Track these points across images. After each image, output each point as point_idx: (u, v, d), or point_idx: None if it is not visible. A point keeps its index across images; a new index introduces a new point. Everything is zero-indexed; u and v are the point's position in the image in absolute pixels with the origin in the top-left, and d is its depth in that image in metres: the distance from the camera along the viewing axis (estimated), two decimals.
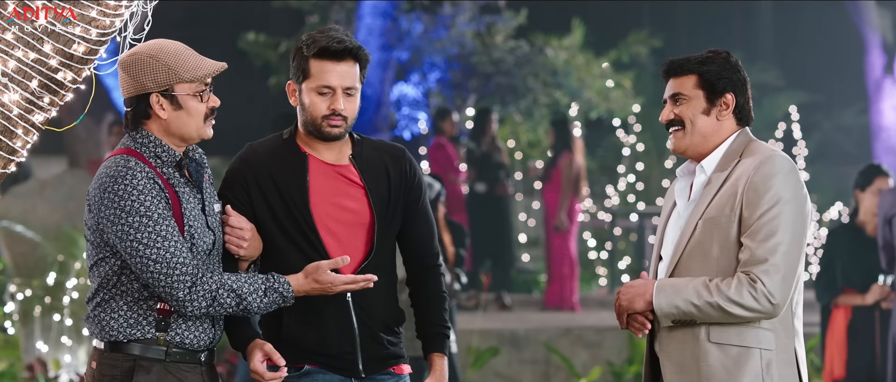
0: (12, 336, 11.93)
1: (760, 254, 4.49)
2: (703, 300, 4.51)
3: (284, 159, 4.81)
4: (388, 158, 4.90)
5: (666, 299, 4.55)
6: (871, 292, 9.22)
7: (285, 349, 4.76)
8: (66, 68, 4.37)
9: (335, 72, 4.74)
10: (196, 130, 4.59)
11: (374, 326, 4.83)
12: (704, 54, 4.72)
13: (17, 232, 11.44)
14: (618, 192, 18.30)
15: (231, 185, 4.82)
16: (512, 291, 15.23)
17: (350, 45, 4.74)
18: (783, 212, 4.50)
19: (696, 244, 4.59)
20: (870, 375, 9.32)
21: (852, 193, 9.65)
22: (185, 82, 4.53)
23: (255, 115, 20.11)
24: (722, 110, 4.66)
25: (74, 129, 13.19)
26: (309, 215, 4.75)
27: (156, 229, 4.44)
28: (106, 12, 4.37)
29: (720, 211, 4.56)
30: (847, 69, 21.07)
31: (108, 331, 4.54)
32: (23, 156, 4.46)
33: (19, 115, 4.36)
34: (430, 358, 4.92)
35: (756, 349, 4.55)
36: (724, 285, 4.50)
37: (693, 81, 4.68)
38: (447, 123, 14.91)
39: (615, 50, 18.98)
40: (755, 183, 4.52)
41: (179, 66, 4.51)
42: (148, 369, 4.54)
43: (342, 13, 16.34)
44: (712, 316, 4.52)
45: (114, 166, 4.49)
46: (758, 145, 4.67)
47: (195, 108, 4.56)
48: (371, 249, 4.80)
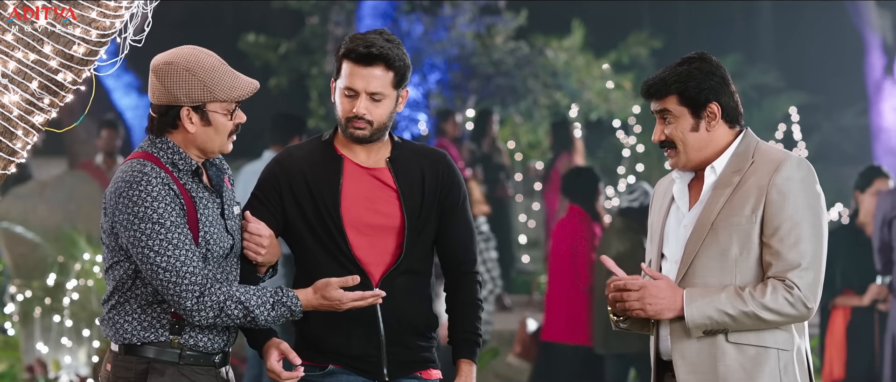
0: (12, 337, 11.93)
1: (793, 258, 4.47)
2: (737, 310, 4.46)
3: (320, 160, 4.83)
4: (426, 162, 4.89)
5: (698, 310, 4.48)
6: (867, 292, 9.22)
7: (309, 348, 4.79)
8: (66, 69, 4.38)
9: (360, 75, 4.74)
10: (219, 146, 4.61)
11: (402, 330, 4.83)
12: (679, 69, 4.63)
13: (17, 233, 11.44)
14: (618, 193, 18.29)
15: (264, 186, 4.84)
16: (512, 292, 15.23)
17: (378, 51, 4.72)
18: (810, 215, 4.50)
19: (712, 244, 4.54)
20: (869, 376, 9.33)
21: (852, 194, 9.65)
22: (218, 102, 4.54)
23: (254, 116, 20.10)
24: (710, 121, 4.61)
25: (74, 130, 13.19)
26: (338, 216, 4.76)
27: (168, 237, 4.44)
28: (106, 13, 4.37)
29: (738, 212, 4.53)
30: (847, 70, 21.07)
31: (123, 334, 4.56)
32: (23, 157, 4.46)
33: (19, 116, 4.36)
34: (459, 364, 4.90)
35: (774, 349, 4.53)
36: (758, 293, 4.46)
37: (674, 101, 4.61)
38: (450, 125, 14.91)
39: (615, 51, 18.99)
40: (779, 185, 4.50)
41: (215, 84, 4.51)
42: (162, 371, 4.55)
43: (342, 14, 16.34)
44: (746, 325, 4.48)
45: (130, 171, 4.50)
46: (768, 146, 4.64)
47: (223, 125, 4.57)
48: (401, 253, 4.80)
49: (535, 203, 17.73)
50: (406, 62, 4.79)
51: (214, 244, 4.56)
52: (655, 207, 4.81)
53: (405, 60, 4.79)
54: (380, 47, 4.73)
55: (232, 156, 4.89)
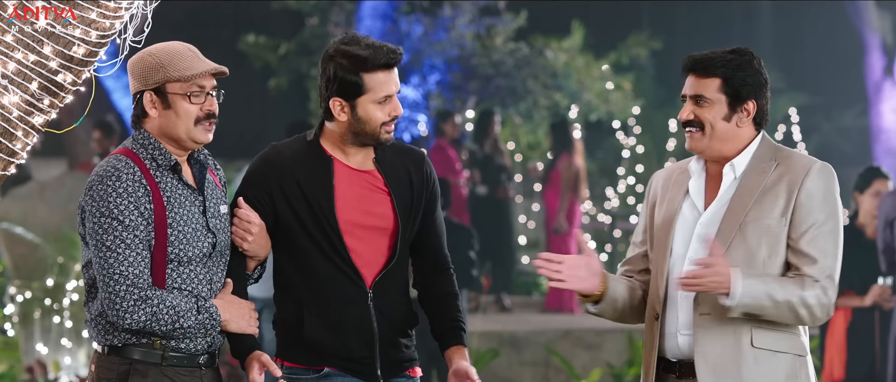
0: (12, 338, 11.93)
1: (827, 265, 4.50)
2: (784, 296, 4.45)
3: (309, 162, 4.81)
4: (410, 162, 4.91)
5: (749, 287, 4.43)
6: (870, 293, 9.22)
7: (305, 350, 4.79)
8: (65, 70, 4.37)
9: (393, 80, 4.77)
10: (185, 133, 4.55)
11: (392, 330, 4.84)
12: (729, 56, 4.59)
13: (17, 234, 11.44)
14: (618, 194, 18.30)
15: (252, 184, 4.81)
16: (512, 293, 15.23)
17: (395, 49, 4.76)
18: (833, 224, 4.53)
19: (739, 245, 4.52)
20: (869, 377, 9.32)
21: (851, 195, 9.65)
22: (174, 81, 4.50)
23: (254, 117, 20.13)
24: (742, 117, 4.59)
25: (74, 131, 13.19)
26: (334, 220, 4.75)
27: (122, 236, 4.42)
28: (106, 14, 4.37)
29: (768, 214, 4.52)
30: (847, 71, 21.07)
31: (105, 336, 4.55)
32: (23, 158, 4.45)
33: (19, 117, 4.36)
34: (451, 351, 4.89)
35: (792, 354, 4.56)
36: (798, 286, 4.48)
37: (717, 85, 4.57)
38: (449, 125, 14.90)
39: (615, 52, 18.99)
40: (812, 191, 4.51)
41: (171, 64, 4.49)
42: (144, 373, 4.53)
43: (342, 15, 16.34)
44: (781, 315, 4.48)
45: (105, 166, 4.52)
46: (789, 150, 4.64)
47: (184, 109, 4.53)
48: (393, 254, 4.82)
49: (535, 204, 17.73)
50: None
51: (189, 244, 4.53)
52: (661, 197, 4.75)
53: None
54: (391, 47, 4.76)
55: (232, 156, 4.88)
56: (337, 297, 4.77)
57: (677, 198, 4.69)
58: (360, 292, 4.77)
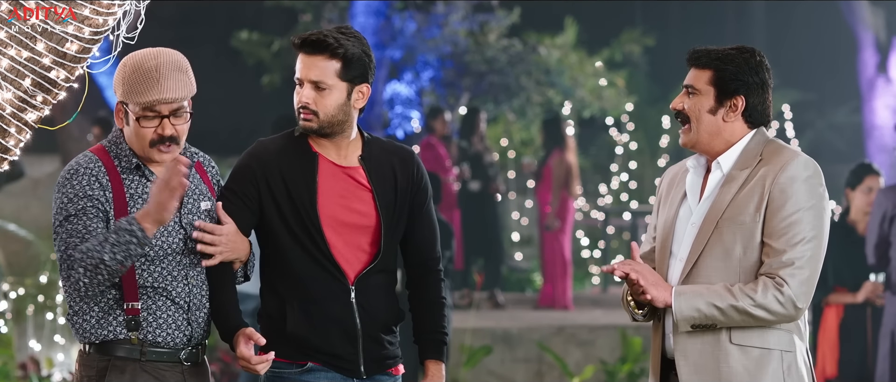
0: (5, 335, 11.92)
1: (786, 257, 4.45)
2: (726, 304, 4.44)
3: (294, 157, 4.80)
4: (397, 160, 4.89)
5: (686, 301, 4.47)
6: (862, 289, 9.23)
7: (288, 345, 4.78)
8: (59, 67, 4.37)
9: (304, 63, 4.73)
10: (141, 150, 4.61)
11: (375, 327, 4.84)
12: (727, 50, 4.61)
13: (10, 231, 11.44)
14: (611, 190, 18.32)
15: (239, 179, 4.80)
16: (505, 290, 15.23)
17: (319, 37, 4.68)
18: (811, 216, 4.48)
19: (716, 244, 4.52)
20: (861, 373, 9.34)
21: (843, 191, 9.65)
22: (130, 102, 4.55)
23: (247, 113, 20.09)
24: (729, 112, 4.59)
25: (67, 127, 13.18)
26: (315, 215, 4.74)
27: (70, 225, 4.50)
28: (99, 11, 4.37)
29: (743, 211, 4.51)
30: (840, 68, 21.09)
31: (83, 333, 4.60)
32: (16, 154, 4.46)
33: (12, 113, 4.36)
34: (426, 364, 4.91)
35: (777, 350, 4.53)
36: (749, 288, 4.45)
37: (707, 77, 4.59)
38: (439, 122, 14.90)
39: (608, 49, 18.99)
40: (782, 185, 4.48)
41: (128, 85, 4.53)
42: (122, 369, 4.57)
43: (335, 12, 16.33)
44: (735, 320, 4.46)
45: (71, 163, 4.62)
46: (779, 145, 4.62)
47: (137, 130, 4.57)
48: (378, 251, 4.81)
49: (528, 201, 17.73)
50: (358, 56, 4.71)
51: (155, 239, 4.55)
52: (665, 195, 4.77)
53: (357, 54, 4.71)
54: (320, 34, 4.69)
55: (226, 153, 4.89)
56: (319, 293, 4.76)
57: (677, 197, 4.72)
58: (343, 288, 4.77)
